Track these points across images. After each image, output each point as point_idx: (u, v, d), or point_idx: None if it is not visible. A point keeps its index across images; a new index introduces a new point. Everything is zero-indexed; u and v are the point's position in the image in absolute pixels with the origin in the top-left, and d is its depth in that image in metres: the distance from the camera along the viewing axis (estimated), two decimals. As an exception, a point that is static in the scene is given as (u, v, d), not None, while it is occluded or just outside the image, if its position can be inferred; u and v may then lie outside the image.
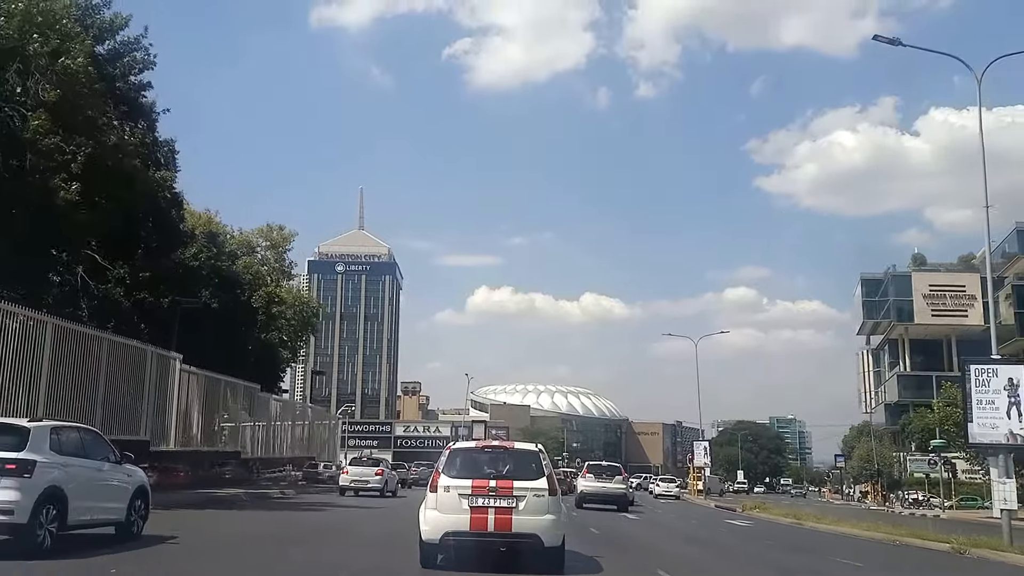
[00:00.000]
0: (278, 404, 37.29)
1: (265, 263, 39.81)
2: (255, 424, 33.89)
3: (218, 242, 34.16)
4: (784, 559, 15.52)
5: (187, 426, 28.21)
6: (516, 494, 9.94)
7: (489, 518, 9.81)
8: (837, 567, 14.83)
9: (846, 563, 15.10)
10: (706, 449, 56.57)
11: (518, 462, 10.48)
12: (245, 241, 39.24)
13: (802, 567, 14.43)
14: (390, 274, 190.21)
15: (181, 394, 26.88)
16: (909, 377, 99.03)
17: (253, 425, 33.79)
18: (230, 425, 32.37)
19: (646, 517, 26.95)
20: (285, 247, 40.31)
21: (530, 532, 9.95)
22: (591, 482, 30.78)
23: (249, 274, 37.29)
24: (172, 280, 28.30)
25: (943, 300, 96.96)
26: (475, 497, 9.89)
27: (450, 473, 10.20)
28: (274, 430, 36.25)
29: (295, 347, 43.58)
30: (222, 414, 30.47)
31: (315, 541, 13.97)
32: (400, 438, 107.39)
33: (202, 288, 30.14)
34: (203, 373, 28.52)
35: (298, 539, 14.19)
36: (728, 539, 20.48)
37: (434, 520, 9.96)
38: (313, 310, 44.01)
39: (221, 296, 30.98)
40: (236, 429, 32.38)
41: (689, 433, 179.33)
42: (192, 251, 30.54)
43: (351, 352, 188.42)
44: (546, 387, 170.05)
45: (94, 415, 20.83)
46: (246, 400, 33.31)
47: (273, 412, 36.55)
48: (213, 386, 29.53)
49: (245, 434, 33.88)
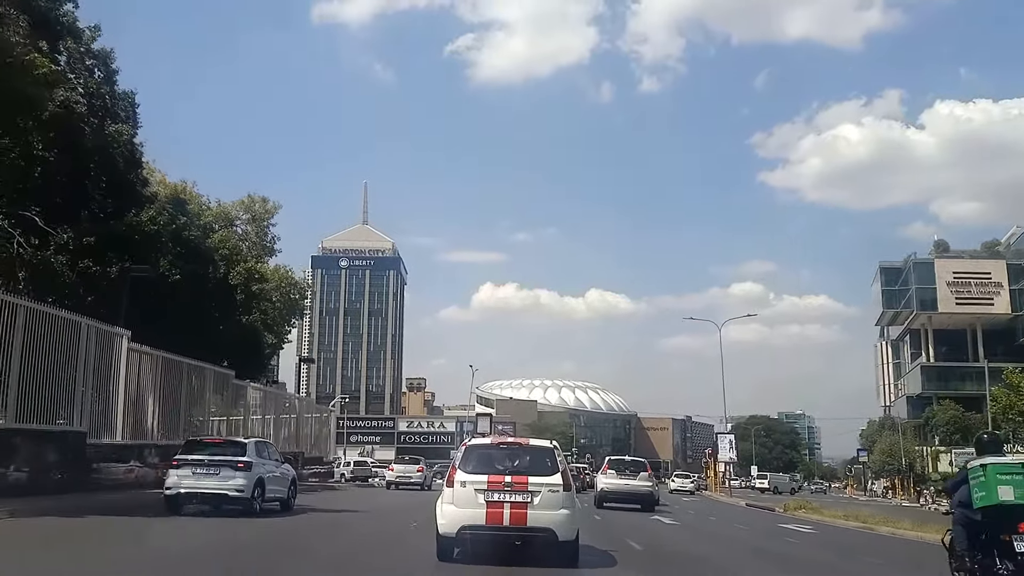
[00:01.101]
0: (258, 393, 32.74)
1: (245, 238, 35.33)
2: (228, 416, 29.34)
3: (187, 210, 29.64)
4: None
5: (140, 416, 23.69)
6: (531, 489, 10.01)
7: (505, 512, 9.92)
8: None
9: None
10: (731, 442, 51.73)
11: (533, 458, 10.55)
12: (223, 213, 34.68)
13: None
14: (394, 269, 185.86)
15: (130, 378, 22.40)
16: (933, 368, 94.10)
17: (227, 417, 29.28)
18: (201, 418, 27.97)
19: (685, 521, 22.28)
20: (267, 220, 35.79)
21: (545, 526, 9.99)
22: (613, 479, 26.54)
23: (226, 248, 32.79)
24: (122, 245, 23.73)
25: (968, 288, 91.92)
26: (491, 492, 10.02)
27: (466, 468, 10.35)
28: (253, 423, 31.68)
29: (280, 331, 39.02)
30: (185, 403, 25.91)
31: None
32: (404, 434, 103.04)
33: (160, 257, 25.61)
34: (159, 354, 23.96)
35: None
36: (812, 553, 15.91)
37: (451, 514, 10.10)
38: (300, 291, 39.44)
39: (184, 267, 26.46)
40: (207, 420, 27.83)
41: (699, 429, 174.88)
42: (150, 214, 25.97)
43: (355, 348, 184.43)
44: (553, 382, 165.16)
45: (2, 398, 16.52)
46: (219, 388, 28.78)
47: (252, 402, 31.99)
48: (173, 370, 24.92)
49: (220, 427, 29.43)
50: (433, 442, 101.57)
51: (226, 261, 33.14)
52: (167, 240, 26.37)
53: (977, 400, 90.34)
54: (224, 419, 28.61)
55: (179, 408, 25.79)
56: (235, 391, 30.48)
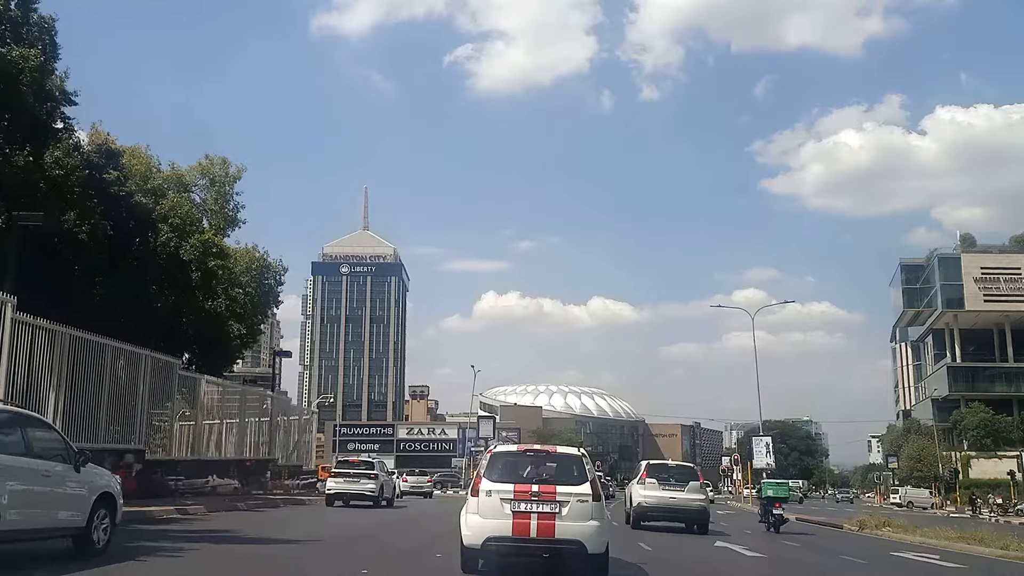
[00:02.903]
0: (215, 389, 26.66)
1: (204, 206, 29.36)
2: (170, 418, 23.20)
3: (120, 164, 23.61)
4: None
5: (37, 410, 17.58)
6: (559, 499, 9.41)
7: (532, 523, 9.29)
8: None
9: None
10: (768, 446, 45.33)
11: (561, 466, 9.94)
12: (175, 177, 28.67)
13: None
14: (396, 275, 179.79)
15: (17, 358, 16.44)
16: (960, 369, 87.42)
17: (161, 421, 23.19)
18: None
19: (764, 550, 15.96)
20: (230, 186, 29.71)
21: (574, 538, 9.33)
22: (654, 491, 20.13)
23: (178, 217, 26.81)
24: (7, 188, 17.67)
25: (996, 284, 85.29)
26: (517, 502, 9.41)
27: (492, 477, 9.73)
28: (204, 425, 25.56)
29: (253, 322, 32.93)
30: (110, 396, 19.79)
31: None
32: (404, 441, 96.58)
33: (68, 209, 19.59)
34: (64, 331, 17.95)
35: None
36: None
37: (476, 525, 9.48)
38: (276, 275, 33.35)
39: (99, 223, 20.39)
40: (137, 422, 21.72)
41: (708, 435, 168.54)
42: (56, 155, 19.91)
43: (357, 356, 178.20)
44: (559, 387, 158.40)
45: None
46: (160, 380, 22.71)
47: (207, 399, 25.88)
48: (89, 353, 18.90)
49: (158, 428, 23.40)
50: (435, 450, 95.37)
51: (178, 232, 27.16)
52: (77, 188, 20.30)
53: (1008, 402, 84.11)
54: (162, 422, 22.48)
55: (100, 403, 19.69)
56: (184, 385, 24.38)
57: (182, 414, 24.95)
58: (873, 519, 23.75)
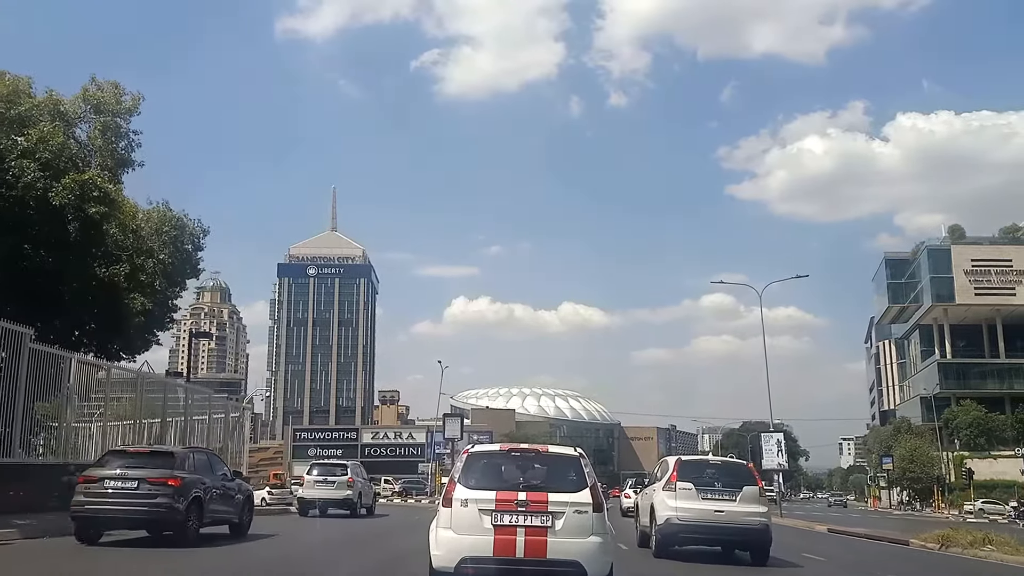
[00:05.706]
0: (93, 372, 19.95)
1: (91, 145, 22.67)
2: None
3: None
4: None
5: None
6: (552, 510, 7.55)
7: (518, 540, 7.46)
8: None
9: None
10: (780, 443, 39.21)
11: (553, 469, 8.09)
12: (52, 105, 21.94)
13: None
14: (365, 277, 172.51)
15: None
16: (951, 365, 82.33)
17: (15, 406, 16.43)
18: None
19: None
20: (122, 118, 22.92)
21: (570, 559, 7.45)
22: (691, 501, 13.19)
23: (48, 152, 20.13)
24: None
25: (987, 276, 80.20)
26: (500, 514, 7.55)
27: (468, 483, 7.83)
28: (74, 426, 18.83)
29: (165, 296, 26.15)
30: None
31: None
32: (368, 446, 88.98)
33: None
34: None
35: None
36: None
37: (448, 542, 7.61)
38: (194, 239, 26.58)
39: None
40: None
41: (684, 438, 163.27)
42: None
43: (324, 360, 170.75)
44: (532, 390, 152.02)
45: None
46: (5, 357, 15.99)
47: (79, 386, 19.15)
48: None
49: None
50: (402, 455, 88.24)
51: (51, 171, 20.44)
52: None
53: (999, 399, 79.27)
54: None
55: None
56: (40, 363, 17.57)
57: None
58: (958, 533, 17.61)
